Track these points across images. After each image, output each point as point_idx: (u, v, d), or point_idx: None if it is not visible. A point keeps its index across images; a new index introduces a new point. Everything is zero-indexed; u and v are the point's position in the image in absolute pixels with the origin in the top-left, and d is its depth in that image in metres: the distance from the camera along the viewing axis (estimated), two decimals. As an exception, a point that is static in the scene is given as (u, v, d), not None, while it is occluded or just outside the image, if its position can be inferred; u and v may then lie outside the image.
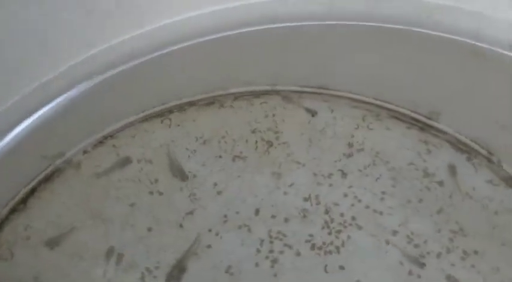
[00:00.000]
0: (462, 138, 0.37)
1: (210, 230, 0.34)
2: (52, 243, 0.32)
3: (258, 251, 0.33)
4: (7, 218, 0.33)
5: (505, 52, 0.30)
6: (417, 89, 0.37)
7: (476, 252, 0.34)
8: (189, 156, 0.36)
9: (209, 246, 0.33)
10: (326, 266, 0.33)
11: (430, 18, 0.32)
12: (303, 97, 0.39)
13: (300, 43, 0.35)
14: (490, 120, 0.35)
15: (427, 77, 0.35)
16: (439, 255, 0.34)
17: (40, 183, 0.34)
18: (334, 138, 0.38)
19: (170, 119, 0.38)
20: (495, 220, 0.35)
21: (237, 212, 0.34)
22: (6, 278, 0.31)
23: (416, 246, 0.34)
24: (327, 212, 0.35)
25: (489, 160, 0.37)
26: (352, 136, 0.38)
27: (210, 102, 0.38)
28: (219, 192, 0.35)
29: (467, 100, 0.35)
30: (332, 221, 0.35)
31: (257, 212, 0.34)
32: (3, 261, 0.32)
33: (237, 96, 0.39)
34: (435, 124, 0.38)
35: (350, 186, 0.36)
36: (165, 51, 0.33)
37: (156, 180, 0.35)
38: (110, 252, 0.32)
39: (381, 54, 0.36)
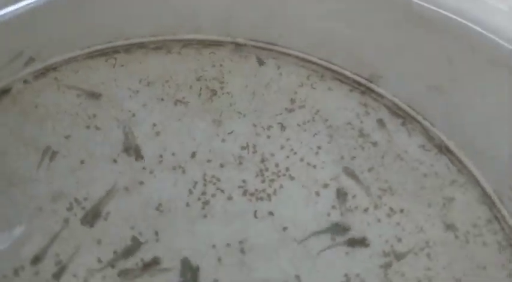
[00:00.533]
0: (399, 102, 0.39)
1: (144, 168, 0.34)
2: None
3: (191, 192, 0.34)
4: None
5: (441, 11, 0.31)
6: (360, 51, 0.38)
7: (402, 211, 0.36)
8: (130, 96, 0.36)
9: (141, 183, 0.33)
10: (256, 211, 0.34)
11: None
12: (251, 51, 0.39)
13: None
14: (425, 84, 0.37)
15: (369, 37, 0.36)
16: (366, 210, 0.35)
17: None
18: (278, 93, 0.38)
19: (115, 59, 0.38)
20: (423, 182, 0.37)
21: (173, 154, 0.35)
22: None
23: (345, 200, 0.35)
24: (262, 161, 0.36)
25: (423, 126, 0.39)
26: (295, 93, 0.39)
27: (159, 46, 0.38)
28: (157, 133, 0.35)
29: (405, 63, 0.37)
30: (266, 170, 0.35)
31: (193, 155, 0.35)
32: None
33: (186, 44, 0.39)
34: (375, 88, 0.39)
35: (287, 139, 0.37)
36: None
37: (94, 115, 0.35)
38: (39, 182, 0.32)
39: (330, 14, 0.37)
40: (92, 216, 0.32)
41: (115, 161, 0.34)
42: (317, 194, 0.35)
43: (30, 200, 0.31)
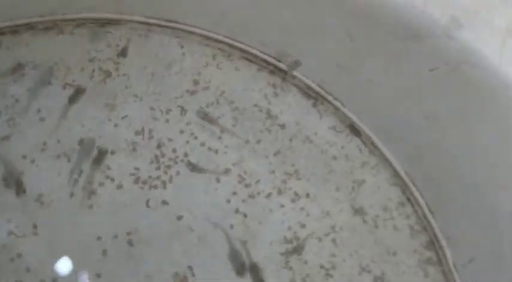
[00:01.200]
0: (310, 83, 0.37)
1: (24, 156, 0.32)
2: None
3: (76, 181, 0.31)
4: None
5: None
6: (266, 29, 0.36)
7: (308, 195, 0.34)
8: (14, 81, 0.34)
9: (21, 173, 0.31)
10: (148, 200, 0.32)
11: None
12: (151, 30, 0.37)
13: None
14: (333, 63, 0.35)
15: (273, 15, 0.35)
16: (269, 195, 0.34)
17: None
18: (180, 75, 0.36)
19: (1, 41, 0.35)
20: (332, 165, 0.36)
21: (59, 141, 0.32)
22: None
23: (247, 185, 0.34)
24: (159, 146, 0.34)
25: (334, 106, 0.37)
26: (199, 74, 0.37)
27: (49, 27, 0.36)
28: (41, 119, 0.33)
29: (311, 42, 0.35)
30: (163, 156, 0.33)
31: (81, 142, 0.33)
32: None
33: (79, 24, 0.36)
34: (284, 67, 0.37)
35: (188, 123, 0.35)
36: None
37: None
38: None
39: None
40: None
41: (-10, 150, 0.31)
42: (217, 180, 0.33)
43: None
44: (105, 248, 0.30)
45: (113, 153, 0.33)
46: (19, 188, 0.31)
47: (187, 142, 0.34)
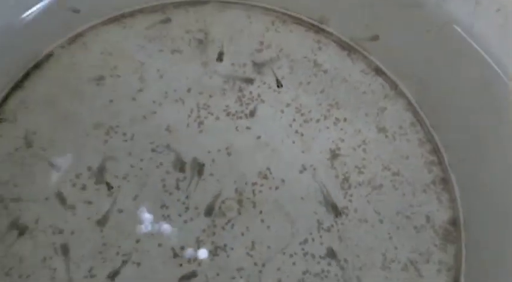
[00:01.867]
0: (345, 38, 0.51)
1: (154, 101, 0.48)
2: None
3: (189, 116, 0.48)
4: (9, 93, 0.46)
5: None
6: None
7: (345, 120, 0.49)
8: (138, 50, 0.49)
9: (154, 112, 0.47)
10: (237, 126, 0.48)
11: None
12: (227, 7, 0.52)
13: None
14: (361, 24, 0.49)
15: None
16: (318, 120, 0.49)
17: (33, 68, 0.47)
18: (249, 38, 0.51)
19: (124, 23, 0.50)
20: (362, 97, 0.50)
21: (175, 90, 0.48)
22: (10, 135, 0.45)
23: (302, 114, 0.49)
24: (240, 90, 0.49)
25: (363, 55, 0.51)
26: (263, 36, 0.51)
27: (155, 10, 0.51)
28: (160, 76, 0.49)
29: (346, 7, 0.49)
30: (243, 96, 0.49)
31: (189, 90, 0.49)
32: (9, 122, 0.45)
33: (176, 5, 0.51)
34: (326, 28, 0.51)
35: (258, 73, 0.50)
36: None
37: (115, 67, 0.48)
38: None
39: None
40: (122, 135, 0.46)
41: (134, 99, 0.48)
42: (282, 111, 0.49)
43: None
44: (213, 158, 0.46)
45: (210, 96, 0.49)
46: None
47: (259, 86, 0.49)
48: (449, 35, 0.42)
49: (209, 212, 0.44)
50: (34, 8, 0.46)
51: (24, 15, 0.45)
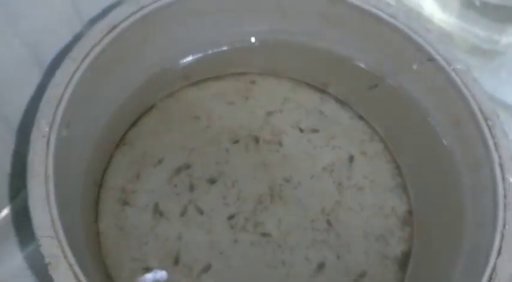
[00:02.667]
0: (339, 97, 0.80)
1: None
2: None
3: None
4: (128, 128, 0.75)
5: None
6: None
7: (339, 147, 0.77)
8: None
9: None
10: (269, 150, 0.76)
11: None
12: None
13: None
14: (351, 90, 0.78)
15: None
16: (321, 147, 0.77)
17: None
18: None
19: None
20: (350, 134, 0.78)
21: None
22: (128, 154, 0.73)
23: (312, 142, 0.77)
24: (272, 126, 0.78)
25: (351, 108, 0.80)
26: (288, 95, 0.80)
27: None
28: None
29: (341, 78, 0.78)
30: (275, 130, 0.77)
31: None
32: (128, 145, 0.74)
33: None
34: (326, 89, 0.81)
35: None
36: None
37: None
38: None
39: None
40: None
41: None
42: (299, 140, 0.77)
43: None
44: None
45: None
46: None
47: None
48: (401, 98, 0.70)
49: (253, 201, 0.71)
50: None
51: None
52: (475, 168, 0.58)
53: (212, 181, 0.71)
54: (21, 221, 0.63)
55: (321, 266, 0.68)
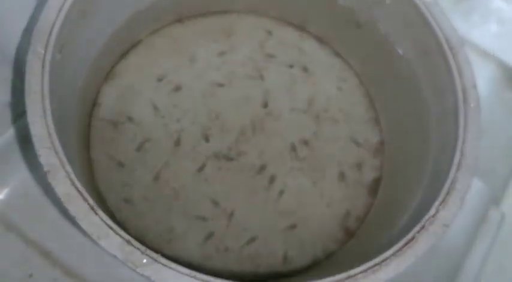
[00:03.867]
0: (321, 36, 0.83)
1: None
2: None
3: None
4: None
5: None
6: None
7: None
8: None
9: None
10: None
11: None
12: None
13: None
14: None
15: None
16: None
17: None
18: (260, 33, 0.83)
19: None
20: (330, 78, 0.82)
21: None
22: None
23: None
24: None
25: (331, 46, 0.83)
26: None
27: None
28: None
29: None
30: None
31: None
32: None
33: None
34: (307, 28, 0.84)
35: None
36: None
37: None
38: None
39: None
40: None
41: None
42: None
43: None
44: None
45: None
46: (202, 81, 0.79)
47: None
48: (376, 33, 0.74)
49: (236, 132, 0.75)
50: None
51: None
52: (440, 96, 0.63)
53: (197, 114, 0.75)
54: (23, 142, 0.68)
55: (299, 191, 0.73)
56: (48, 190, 0.71)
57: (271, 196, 0.72)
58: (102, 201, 0.69)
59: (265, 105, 0.77)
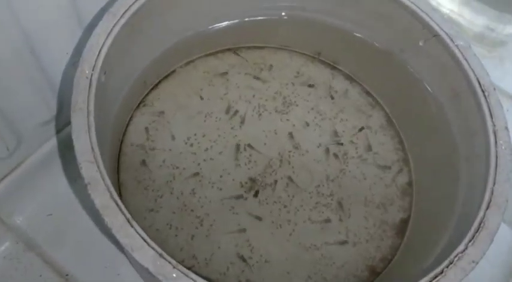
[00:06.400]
0: (349, 74, 0.89)
1: (233, 101, 0.85)
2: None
3: (253, 110, 0.84)
4: (149, 91, 0.84)
5: None
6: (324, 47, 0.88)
7: (346, 120, 0.85)
8: (225, 72, 0.87)
9: (232, 106, 0.84)
10: (281, 118, 0.84)
11: None
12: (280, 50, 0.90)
13: None
14: (356, 65, 0.87)
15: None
16: (330, 119, 0.85)
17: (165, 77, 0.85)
18: (291, 68, 0.89)
19: (217, 56, 0.89)
20: (358, 108, 0.87)
21: (245, 95, 0.86)
22: (148, 113, 0.82)
23: (321, 114, 0.85)
24: (284, 98, 0.86)
25: (360, 84, 0.88)
26: (299, 68, 0.89)
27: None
28: (237, 86, 0.86)
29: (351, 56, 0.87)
30: (286, 101, 0.86)
31: (254, 96, 0.86)
32: (148, 106, 0.82)
33: (247, 48, 0.90)
34: (337, 66, 0.89)
35: (295, 89, 0.87)
36: None
37: (211, 80, 0.86)
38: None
39: None
40: (215, 118, 0.82)
41: (221, 98, 0.85)
42: (308, 112, 0.85)
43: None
44: (266, 135, 0.82)
45: (266, 100, 0.85)
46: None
47: (295, 97, 0.86)
48: (406, 73, 0.79)
49: (263, 164, 0.79)
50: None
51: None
52: (470, 137, 0.66)
53: (225, 145, 0.80)
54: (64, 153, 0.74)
55: (323, 227, 0.76)
56: (73, 210, 0.76)
57: (296, 230, 0.75)
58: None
59: (293, 141, 0.82)
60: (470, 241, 0.55)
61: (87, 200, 0.51)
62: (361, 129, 0.84)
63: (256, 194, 0.76)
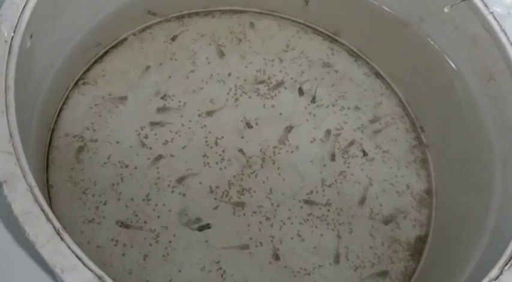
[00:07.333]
0: (352, 48, 0.88)
1: (202, 80, 0.83)
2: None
3: (228, 93, 0.83)
4: (92, 65, 0.82)
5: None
6: (328, 17, 0.87)
7: (349, 108, 0.85)
8: (192, 43, 0.86)
9: (201, 88, 0.83)
10: (264, 104, 0.83)
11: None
12: (262, 17, 0.89)
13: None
14: (365, 39, 0.86)
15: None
16: (327, 106, 0.84)
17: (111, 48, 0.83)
18: (278, 40, 0.88)
19: (183, 21, 0.87)
20: (363, 93, 0.86)
21: (218, 73, 0.84)
22: (91, 94, 0.80)
23: (316, 101, 0.84)
24: (268, 78, 0.85)
25: (367, 62, 0.88)
26: (289, 41, 0.88)
27: (207, 13, 0.88)
28: (208, 62, 0.85)
29: (352, 26, 0.86)
30: (271, 83, 0.85)
31: (229, 74, 0.84)
32: (91, 85, 0.80)
33: (223, 12, 0.88)
34: (339, 39, 0.88)
35: (284, 67, 0.86)
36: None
37: (174, 53, 0.84)
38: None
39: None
40: (177, 102, 0.81)
41: (187, 77, 0.83)
42: (299, 96, 0.84)
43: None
44: (244, 125, 0.81)
45: (245, 80, 0.84)
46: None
47: (283, 77, 0.85)
48: (426, 48, 0.78)
49: (239, 163, 0.78)
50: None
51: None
52: (508, 132, 0.66)
53: (190, 138, 0.78)
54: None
55: (316, 246, 0.75)
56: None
57: (282, 251, 0.74)
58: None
59: (279, 133, 0.81)
60: (506, 264, 0.54)
61: (3, 206, 0.49)
62: (368, 121, 0.83)
63: (229, 202, 0.75)
